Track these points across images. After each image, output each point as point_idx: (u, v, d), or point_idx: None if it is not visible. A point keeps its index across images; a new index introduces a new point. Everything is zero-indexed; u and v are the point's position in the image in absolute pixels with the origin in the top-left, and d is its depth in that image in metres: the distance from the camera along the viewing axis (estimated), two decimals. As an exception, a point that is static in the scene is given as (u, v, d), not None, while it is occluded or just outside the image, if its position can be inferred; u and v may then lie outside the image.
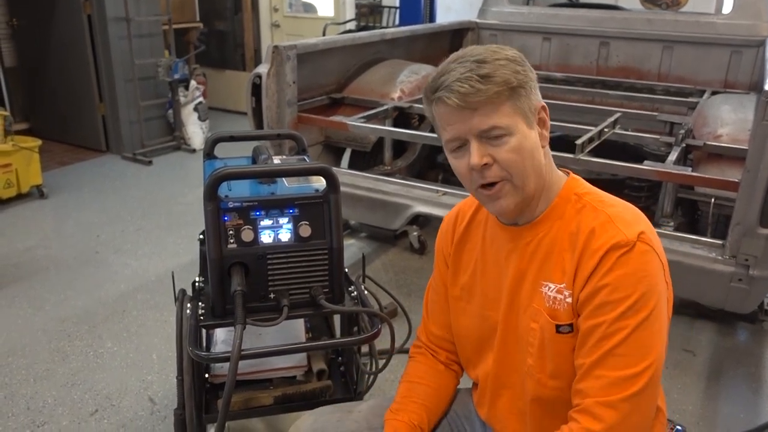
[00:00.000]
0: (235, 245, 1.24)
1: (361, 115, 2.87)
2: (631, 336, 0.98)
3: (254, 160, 1.50)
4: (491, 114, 1.01)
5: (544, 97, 1.11)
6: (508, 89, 1.01)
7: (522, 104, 1.03)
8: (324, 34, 5.73)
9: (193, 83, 5.54)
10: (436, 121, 1.09)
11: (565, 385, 1.08)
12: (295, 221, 1.27)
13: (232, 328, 1.20)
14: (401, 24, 5.53)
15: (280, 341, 1.49)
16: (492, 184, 1.05)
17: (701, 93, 3.32)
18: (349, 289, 1.41)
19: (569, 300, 1.05)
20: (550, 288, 1.07)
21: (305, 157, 1.63)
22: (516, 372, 1.16)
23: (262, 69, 2.64)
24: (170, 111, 5.52)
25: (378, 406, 1.31)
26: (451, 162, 1.10)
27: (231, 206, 1.24)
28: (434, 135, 2.82)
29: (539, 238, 1.10)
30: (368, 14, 6.18)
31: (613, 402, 0.97)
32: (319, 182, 1.34)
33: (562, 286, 1.06)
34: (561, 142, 2.53)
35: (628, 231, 1.01)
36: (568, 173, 1.15)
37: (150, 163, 5.15)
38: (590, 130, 2.44)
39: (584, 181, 1.14)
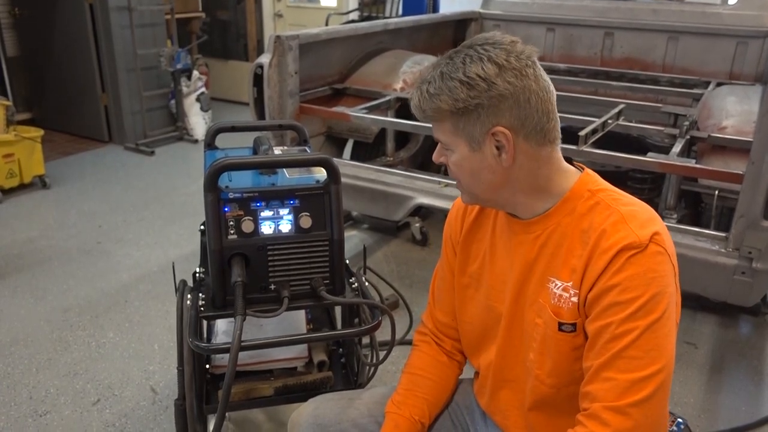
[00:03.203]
0: (235, 236, 1.23)
1: (363, 105, 2.86)
2: (641, 338, 0.94)
3: (255, 151, 1.49)
4: (436, 128, 1.07)
5: None
6: (448, 112, 1.02)
7: (464, 127, 1.02)
8: (327, 24, 5.70)
9: (195, 73, 5.53)
10: None
11: (561, 384, 1.07)
12: (296, 212, 1.27)
13: (232, 319, 1.19)
14: (404, 14, 5.50)
15: (280, 332, 1.49)
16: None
17: (706, 84, 3.30)
18: (350, 280, 1.40)
19: (575, 299, 1.03)
20: (556, 285, 1.05)
21: (307, 148, 1.62)
22: (518, 365, 1.16)
23: (264, 59, 2.63)
24: (172, 101, 5.51)
25: (379, 395, 1.32)
26: None
27: (231, 197, 1.24)
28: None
29: (548, 231, 1.08)
30: (371, 4, 6.15)
31: (621, 407, 0.94)
32: (321, 173, 1.33)
33: (568, 284, 1.04)
34: (564, 134, 2.51)
35: (641, 232, 0.97)
36: (583, 168, 1.11)
37: (152, 153, 5.15)
38: (594, 121, 2.42)
39: (599, 177, 1.11)
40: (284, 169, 1.37)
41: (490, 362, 1.22)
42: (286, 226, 1.27)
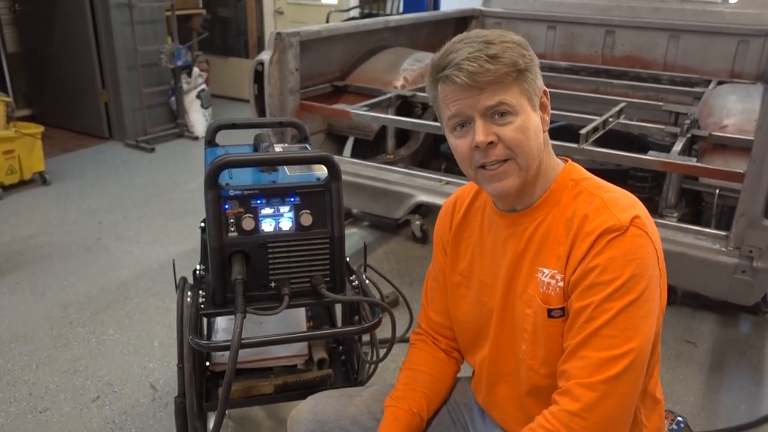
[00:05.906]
0: (235, 233, 1.23)
1: (364, 103, 2.85)
2: (617, 317, 0.97)
3: (256, 148, 1.49)
4: (498, 92, 1.01)
5: (548, 86, 1.11)
6: (515, 71, 1.01)
7: (528, 87, 1.03)
8: (327, 21, 5.69)
9: (195, 70, 5.52)
10: (438, 101, 1.08)
11: (554, 373, 1.08)
12: (297, 210, 1.27)
13: (233, 317, 1.19)
14: (405, 11, 5.49)
15: (281, 330, 1.49)
16: (494, 164, 1.04)
17: (707, 83, 3.30)
18: (351, 278, 1.40)
19: (561, 284, 1.05)
20: (544, 274, 1.07)
21: (307, 146, 1.62)
22: (512, 359, 1.17)
23: (265, 56, 2.62)
24: (173, 98, 5.50)
25: (379, 393, 1.32)
26: (451, 142, 1.09)
27: (232, 194, 1.23)
28: (437, 124, 2.82)
29: (536, 224, 1.10)
30: (372, 1, 6.13)
31: (592, 383, 0.98)
32: (321, 171, 1.33)
33: (555, 271, 1.06)
34: (565, 132, 2.52)
35: (621, 215, 1.00)
36: (566, 160, 1.15)
37: (152, 150, 5.15)
38: (595, 119, 2.42)
39: (582, 167, 1.14)
40: (285, 167, 1.37)
41: (484, 358, 1.23)
42: (286, 224, 1.27)
